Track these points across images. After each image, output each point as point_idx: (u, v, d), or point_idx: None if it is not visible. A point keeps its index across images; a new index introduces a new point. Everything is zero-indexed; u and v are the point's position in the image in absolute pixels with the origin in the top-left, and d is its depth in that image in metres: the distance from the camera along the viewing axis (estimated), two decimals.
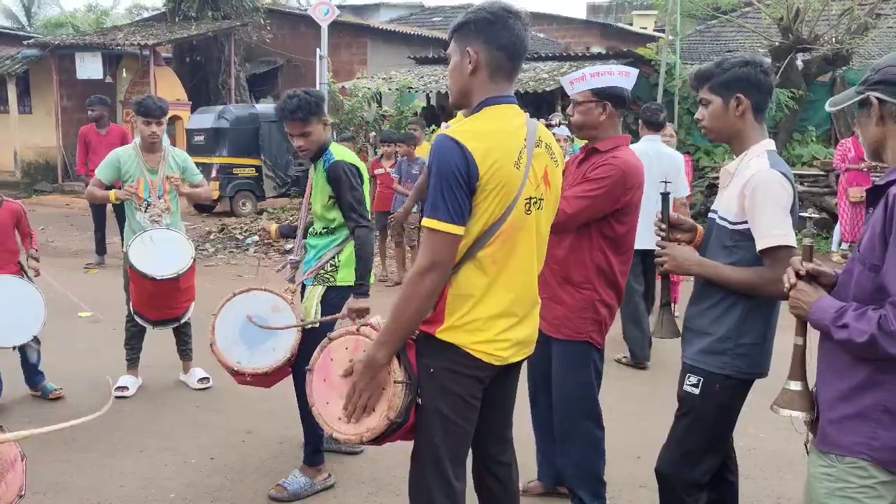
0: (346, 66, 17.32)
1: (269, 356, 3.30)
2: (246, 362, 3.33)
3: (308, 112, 3.27)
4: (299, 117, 3.27)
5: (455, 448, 2.22)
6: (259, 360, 3.31)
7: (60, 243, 10.10)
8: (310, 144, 3.35)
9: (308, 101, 3.28)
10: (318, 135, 3.35)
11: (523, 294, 2.21)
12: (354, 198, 3.32)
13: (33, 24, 29.44)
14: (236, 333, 3.34)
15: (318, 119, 3.34)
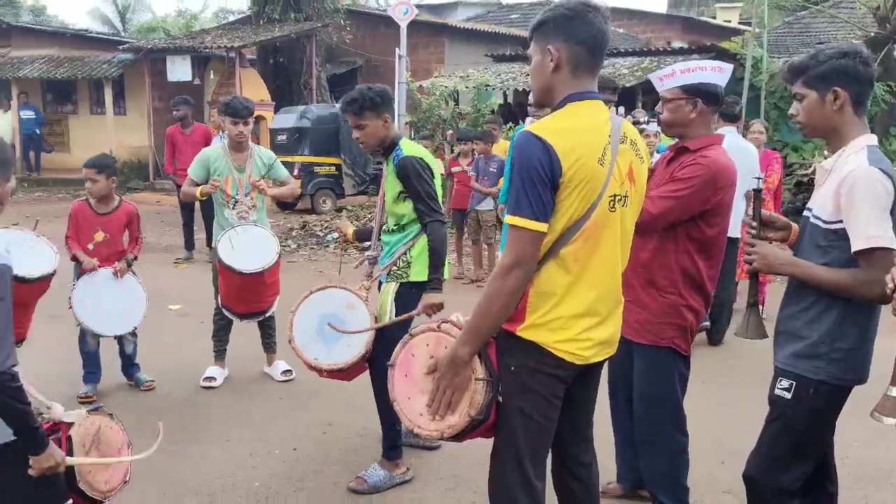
0: (423, 65, 17.45)
1: (344, 352, 3.38)
2: (323, 358, 3.42)
3: (361, 106, 3.34)
4: (352, 109, 3.37)
5: (536, 447, 2.20)
6: (335, 357, 3.40)
7: (151, 239, 10.53)
8: (366, 137, 3.41)
9: (364, 96, 3.34)
10: (374, 129, 3.39)
11: (606, 293, 2.18)
12: (425, 192, 3.32)
13: (128, 30, 30.83)
14: (313, 330, 3.44)
15: (375, 114, 3.36)
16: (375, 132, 3.40)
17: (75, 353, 4.65)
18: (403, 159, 3.35)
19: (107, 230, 4.51)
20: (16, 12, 31.92)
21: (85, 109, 18.61)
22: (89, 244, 4.48)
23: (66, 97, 18.79)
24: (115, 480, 2.41)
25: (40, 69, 17.31)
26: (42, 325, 4.47)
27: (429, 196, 3.33)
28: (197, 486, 3.54)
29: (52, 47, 18.12)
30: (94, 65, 17.00)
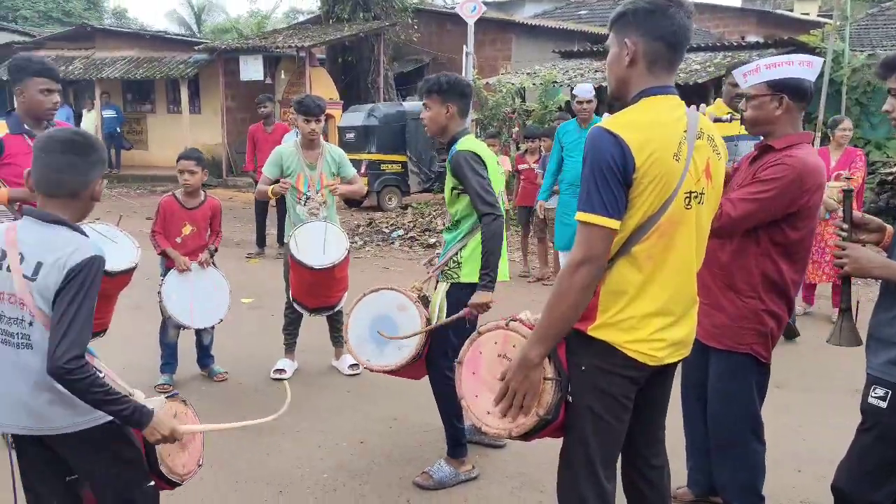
0: (490, 63, 17.42)
1: (395, 354, 3.44)
2: (374, 360, 3.50)
3: (427, 89, 3.41)
4: (421, 90, 3.46)
5: (606, 448, 2.18)
6: (387, 358, 3.46)
7: (224, 234, 10.80)
8: (427, 121, 3.45)
9: (432, 80, 3.41)
10: (435, 115, 3.40)
11: (681, 292, 2.13)
12: (479, 184, 3.25)
13: (202, 31, 31.80)
14: (366, 332, 3.50)
15: (439, 100, 3.37)
16: (436, 118, 3.41)
17: (154, 343, 4.83)
18: (456, 154, 3.33)
19: (194, 224, 4.67)
20: (99, 15, 33.38)
21: (162, 108, 19.26)
22: (177, 238, 4.65)
23: (145, 96, 19.48)
24: (191, 465, 2.49)
25: (121, 70, 18.00)
26: (123, 316, 4.66)
27: (483, 189, 3.25)
28: (267, 476, 3.62)
29: (131, 49, 18.82)
30: (171, 65, 17.58)
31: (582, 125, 6.35)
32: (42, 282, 2.05)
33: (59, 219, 2.12)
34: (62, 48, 19.54)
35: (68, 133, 2.22)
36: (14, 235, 2.12)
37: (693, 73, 12.23)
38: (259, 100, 9.21)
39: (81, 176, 2.16)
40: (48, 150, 2.14)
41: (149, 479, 2.32)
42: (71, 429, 2.14)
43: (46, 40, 20.48)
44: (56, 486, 2.28)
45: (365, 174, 12.49)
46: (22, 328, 2.09)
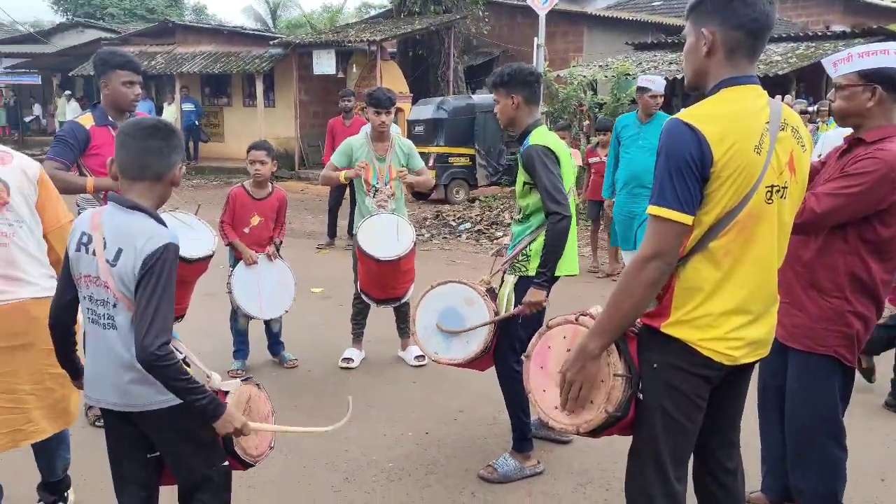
0: (560, 55, 17.23)
1: (462, 348, 3.43)
2: (442, 353, 3.49)
3: (494, 82, 3.40)
4: (489, 82, 3.48)
5: (677, 448, 2.12)
6: (453, 352, 3.46)
7: (295, 225, 11.06)
8: (499, 115, 3.45)
9: (502, 72, 3.39)
10: (504, 107, 3.40)
11: (760, 290, 2.05)
12: (549, 181, 3.20)
13: (277, 26, 32.50)
14: (433, 325, 3.50)
15: (505, 92, 3.35)
16: (505, 110, 3.41)
17: (227, 330, 4.97)
18: (529, 148, 3.28)
19: (262, 214, 4.78)
20: (180, 12, 34.53)
21: (238, 102, 19.79)
22: (245, 228, 4.75)
23: (222, 90, 20.05)
24: (263, 446, 2.56)
25: (200, 64, 18.55)
26: (198, 303, 4.80)
27: (552, 186, 3.19)
28: (334, 462, 3.68)
29: (210, 44, 19.38)
30: (247, 59, 18.01)
31: (643, 119, 6.11)
32: (122, 267, 2.13)
33: (138, 205, 2.19)
34: (145, 44, 20.30)
35: (151, 120, 2.30)
36: (99, 220, 2.21)
37: (773, 65, 11.81)
38: (344, 93, 9.33)
39: (164, 159, 2.23)
40: (133, 135, 2.22)
41: (224, 458, 2.39)
42: (152, 406, 2.22)
43: (131, 36, 21.33)
44: (139, 461, 2.36)
45: (433, 167, 12.54)
46: (107, 309, 2.18)
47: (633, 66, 13.13)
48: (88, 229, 2.21)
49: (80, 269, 2.22)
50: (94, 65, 3.92)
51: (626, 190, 6.09)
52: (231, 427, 2.22)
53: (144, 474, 2.39)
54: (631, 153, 6.05)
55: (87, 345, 2.29)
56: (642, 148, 5.93)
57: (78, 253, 2.22)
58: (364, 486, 3.46)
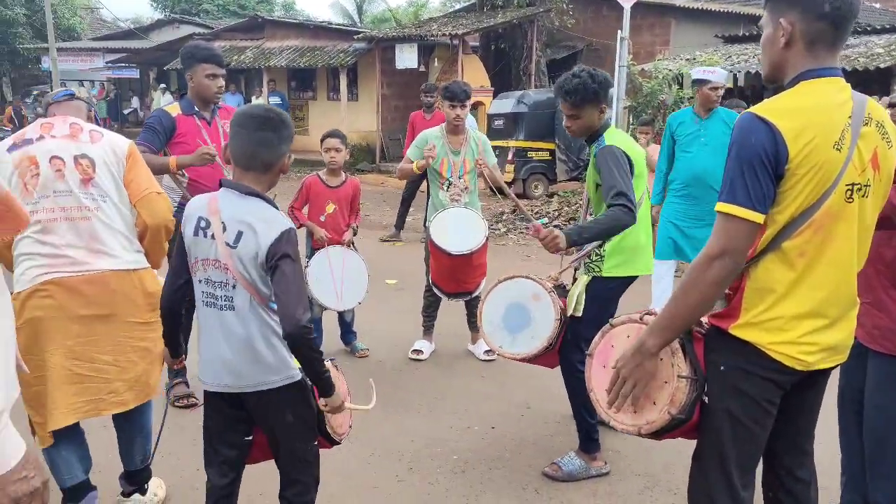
0: (646, 48, 16.80)
1: (528, 343, 3.40)
2: (507, 347, 3.46)
3: (583, 98, 3.16)
4: (571, 100, 3.18)
5: (744, 454, 2.04)
6: (518, 346, 3.42)
7: (374, 217, 11.23)
8: (577, 127, 3.26)
9: (586, 86, 3.14)
10: (589, 119, 3.22)
11: (837, 293, 1.95)
12: (618, 180, 3.04)
13: (363, 20, 32.99)
14: (499, 319, 3.48)
15: (594, 105, 3.19)
16: (590, 122, 3.24)
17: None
18: (604, 148, 3.17)
19: (337, 202, 4.87)
20: (270, 7, 35.50)
21: (322, 95, 20.20)
22: (321, 216, 4.85)
23: (307, 84, 20.52)
24: (345, 426, 2.66)
25: (287, 58, 19.03)
26: None
27: (623, 185, 3.03)
28: (400, 452, 3.72)
29: (297, 38, 19.84)
30: (332, 54, 18.35)
31: (702, 115, 5.36)
32: (242, 250, 2.22)
33: (254, 191, 2.28)
34: (235, 39, 20.98)
35: (262, 110, 2.35)
36: (216, 205, 2.29)
37: (875, 58, 11.19)
38: (425, 88, 9.34)
39: (275, 150, 2.30)
40: (246, 126, 2.29)
41: (315, 437, 2.49)
42: (263, 386, 2.32)
43: (222, 31, 22.06)
44: (234, 444, 2.47)
45: (512, 161, 12.48)
46: (226, 291, 2.28)
47: (721, 60, 12.68)
48: (206, 214, 2.30)
49: (198, 253, 2.31)
50: (181, 58, 4.09)
51: (682, 194, 5.37)
52: (338, 404, 2.36)
53: (236, 457, 2.49)
54: (692, 152, 5.32)
55: (201, 327, 2.38)
56: (705, 146, 5.27)
57: (196, 237, 2.31)
58: (427, 477, 3.49)
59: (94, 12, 32.82)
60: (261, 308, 2.28)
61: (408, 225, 9.52)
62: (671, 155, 5.53)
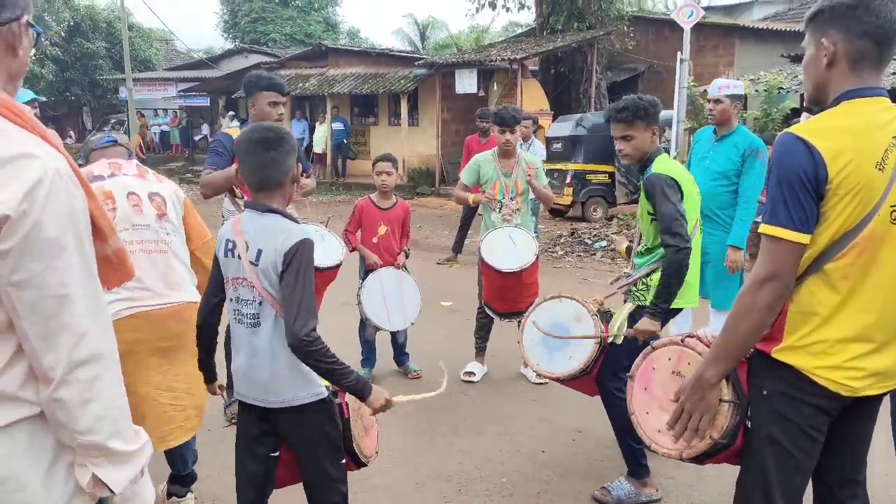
0: (710, 69, 16.58)
1: (564, 364, 3.37)
2: (545, 366, 3.45)
3: (633, 114, 3.17)
4: (623, 118, 3.19)
5: (789, 481, 1.99)
6: (555, 366, 3.41)
7: (433, 240, 11.33)
8: (631, 150, 3.25)
9: (636, 104, 3.18)
10: (641, 141, 3.22)
11: (884, 316, 1.89)
12: (669, 213, 3.06)
13: (426, 47, 33.52)
14: (539, 337, 3.46)
15: (645, 124, 3.20)
16: (643, 145, 3.24)
17: (356, 338, 5.17)
18: (651, 176, 3.16)
19: (388, 224, 4.96)
20: (335, 36, 36.45)
21: (384, 120, 20.57)
22: (374, 238, 4.95)
23: (369, 110, 20.94)
24: (372, 449, 2.68)
25: (349, 85, 19.48)
26: (332, 311, 5.03)
27: (670, 217, 3.06)
28: (448, 473, 3.73)
29: (359, 66, 20.31)
30: (393, 80, 18.70)
31: (716, 134, 4.75)
32: (263, 265, 2.30)
33: (271, 208, 2.37)
34: (300, 67, 21.59)
35: (262, 130, 2.42)
36: (239, 226, 2.40)
37: None
38: (480, 113, 9.39)
39: (280, 167, 2.38)
40: (249, 150, 2.39)
41: (343, 456, 2.53)
42: (292, 402, 2.38)
43: (287, 60, 22.74)
44: (261, 459, 2.53)
45: (571, 184, 12.44)
46: (253, 308, 2.36)
47: (787, 80, 12.41)
48: (232, 236, 2.42)
49: (229, 273, 2.42)
50: (244, 87, 4.24)
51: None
52: (382, 400, 2.36)
53: (263, 473, 2.54)
54: (696, 174, 4.53)
55: (234, 344, 2.48)
56: (707, 170, 4.68)
57: (226, 259, 2.43)
58: (475, 500, 3.49)
59: (168, 44, 34.30)
60: None
61: (465, 248, 9.56)
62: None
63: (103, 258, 1.48)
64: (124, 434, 1.39)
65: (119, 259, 1.54)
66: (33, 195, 1.26)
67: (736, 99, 4.70)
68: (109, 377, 1.37)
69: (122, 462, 1.38)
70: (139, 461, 1.42)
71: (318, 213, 11.05)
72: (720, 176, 4.63)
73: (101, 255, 1.47)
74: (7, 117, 1.31)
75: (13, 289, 1.27)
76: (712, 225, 4.60)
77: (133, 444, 1.41)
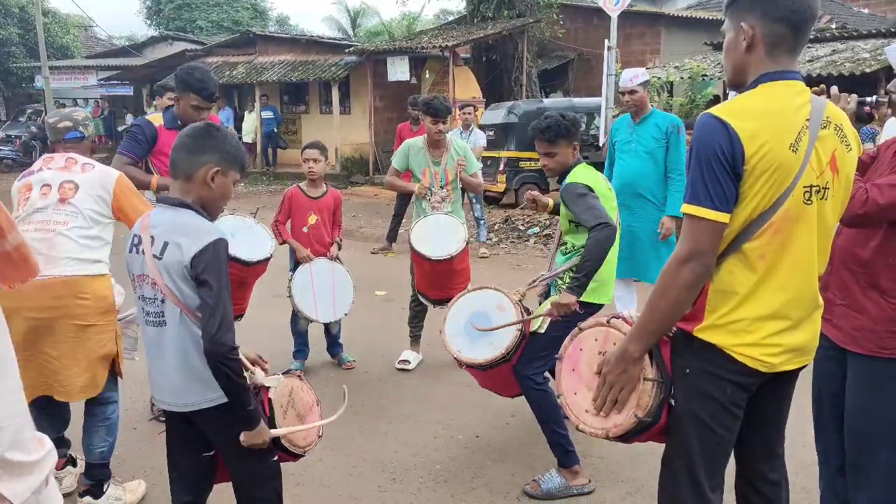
0: (637, 57, 16.90)
1: (485, 351, 3.39)
2: (465, 352, 3.45)
3: (556, 134, 3.33)
4: (546, 137, 3.35)
5: (712, 457, 2.04)
6: (476, 353, 3.42)
7: (367, 230, 11.25)
8: (554, 165, 3.41)
9: (559, 124, 3.33)
10: (563, 157, 3.38)
11: (799, 295, 1.95)
12: (586, 205, 3.20)
13: (357, 34, 33.12)
14: (461, 325, 3.49)
15: (567, 142, 3.35)
16: (565, 160, 3.40)
17: (288, 330, 5.08)
18: (566, 186, 3.31)
19: (319, 213, 4.87)
20: (264, 23, 35.67)
21: (315, 109, 20.25)
22: (304, 227, 4.86)
23: (300, 98, 20.57)
24: (311, 437, 2.60)
25: (279, 73, 19.10)
26: (262, 303, 4.93)
27: (589, 206, 3.19)
28: (383, 462, 3.72)
29: (288, 53, 19.92)
30: (324, 67, 18.42)
31: (634, 119, 5.03)
32: (167, 260, 2.20)
33: (183, 202, 2.27)
34: (228, 54, 21.05)
35: (200, 123, 2.37)
36: (147, 221, 2.30)
37: (861, 62, 11.27)
38: (413, 101, 9.37)
39: (191, 158, 2.28)
40: (179, 136, 2.33)
41: (274, 453, 2.44)
42: (205, 404, 2.27)
43: (214, 48, 22.13)
44: (195, 460, 2.45)
45: (503, 171, 12.51)
46: (156, 307, 2.25)
47: (710, 67, 12.76)
48: (139, 231, 2.31)
49: (134, 270, 2.32)
50: (176, 78, 4.06)
51: (619, 202, 4.51)
52: (259, 440, 2.28)
53: (199, 472, 2.46)
54: (624, 160, 5.06)
55: (145, 345, 2.38)
56: (635, 153, 4.98)
57: (130, 255, 2.32)
58: (409, 488, 3.48)
59: (87, 31, 32.93)
60: (192, 322, 2.23)
61: (400, 237, 9.52)
62: (612, 162, 5.25)
63: (3, 254, 1.40)
64: (24, 445, 1.32)
65: (21, 255, 1.46)
66: None
67: (646, 85, 5.04)
68: (7, 385, 1.29)
69: (22, 473, 1.30)
70: (42, 470, 1.34)
71: (247, 204, 10.83)
72: (648, 156, 4.93)
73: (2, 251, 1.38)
74: None
75: None
76: (644, 203, 4.90)
77: (35, 454, 1.33)
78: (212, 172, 2.28)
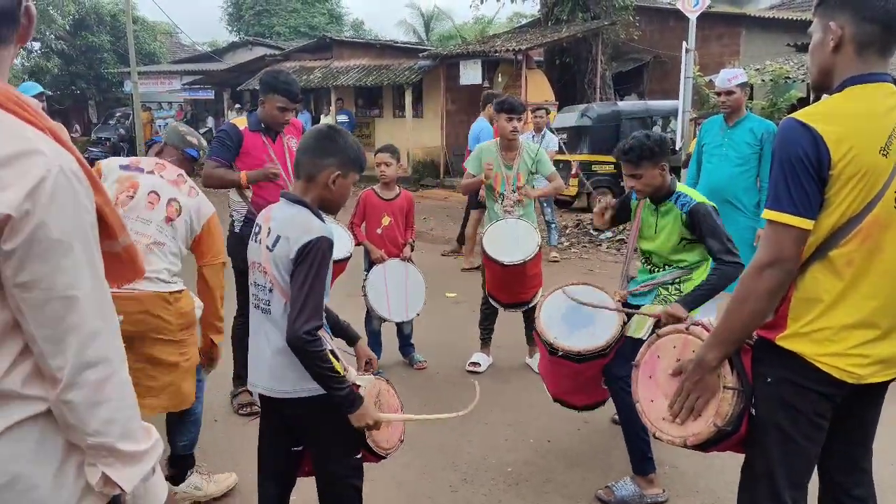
0: (715, 59, 16.51)
1: (585, 340, 3.29)
2: (562, 340, 3.34)
3: (639, 156, 3.23)
4: (629, 159, 3.27)
5: (794, 469, 1.99)
6: (575, 341, 3.31)
7: (438, 232, 11.32)
8: (641, 187, 3.30)
9: (642, 145, 3.23)
10: (650, 178, 3.27)
11: (889, 303, 1.89)
12: (724, 233, 3.19)
13: (430, 38, 33.41)
14: (559, 314, 3.43)
15: (652, 164, 3.24)
16: (652, 181, 3.28)
17: (361, 330, 5.18)
18: (697, 206, 3.22)
19: (392, 214, 4.96)
20: (340, 28, 36.35)
21: (388, 112, 20.53)
22: (378, 229, 4.95)
23: (374, 102, 20.89)
24: (393, 440, 2.65)
25: (354, 77, 19.44)
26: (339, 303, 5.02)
27: (726, 237, 3.17)
28: (455, 463, 3.75)
29: (363, 58, 20.26)
30: (398, 72, 18.65)
31: (727, 122, 4.97)
32: (278, 252, 2.30)
33: (300, 199, 2.37)
34: (304, 59, 21.56)
35: (323, 126, 2.46)
36: (269, 213, 2.43)
37: None
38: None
39: (315, 161, 2.36)
40: (304, 137, 2.44)
41: (358, 451, 2.50)
42: (300, 393, 2.36)
43: (292, 52, 22.69)
44: (281, 452, 2.55)
45: (576, 175, 12.41)
46: (265, 294, 2.37)
47: (793, 69, 12.35)
48: (261, 221, 2.44)
49: (252, 257, 2.45)
50: (260, 82, 4.21)
51: None
52: (365, 420, 2.33)
53: (285, 467, 2.56)
54: (713, 163, 5.00)
55: (250, 329, 2.49)
56: (726, 157, 4.92)
57: (251, 243, 2.45)
58: (481, 489, 3.50)
59: (172, 37, 34.25)
60: None
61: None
62: (700, 164, 5.18)
63: (113, 255, 1.47)
64: (134, 434, 1.38)
65: (129, 255, 1.53)
66: (36, 194, 1.22)
67: (744, 86, 4.90)
68: (118, 379, 1.36)
69: (132, 461, 1.37)
70: (150, 459, 1.41)
71: None
72: (741, 162, 4.82)
73: (111, 252, 1.45)
74: (12, 111, 1.28)
75: (19, 290, 1.24)
76: (734, 211, 4.79)
77: (143, 444, 1.40)
78: (333, 176, 2.36)
